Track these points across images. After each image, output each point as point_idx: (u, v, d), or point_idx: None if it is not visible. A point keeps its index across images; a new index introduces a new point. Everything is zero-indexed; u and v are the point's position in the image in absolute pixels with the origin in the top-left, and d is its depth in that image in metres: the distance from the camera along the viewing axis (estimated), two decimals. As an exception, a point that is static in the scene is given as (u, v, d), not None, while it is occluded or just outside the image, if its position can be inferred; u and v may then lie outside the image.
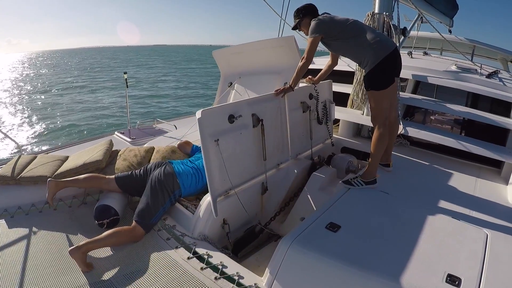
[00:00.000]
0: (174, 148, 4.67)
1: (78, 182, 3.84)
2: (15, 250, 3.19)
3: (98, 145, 4.66)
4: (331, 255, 2.52)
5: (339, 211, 3.16)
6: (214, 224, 3.29)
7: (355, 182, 3.65)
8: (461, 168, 4.48)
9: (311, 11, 3.98)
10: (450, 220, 3.10)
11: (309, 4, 4.04)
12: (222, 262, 2.85)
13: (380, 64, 3.49)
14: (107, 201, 3.61)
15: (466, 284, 2.27)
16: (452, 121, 5.61)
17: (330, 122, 4.98)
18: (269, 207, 3.96)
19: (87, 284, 2.78)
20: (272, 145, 3.87)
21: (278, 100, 3.96)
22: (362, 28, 3.70)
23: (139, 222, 3.31)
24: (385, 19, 5.06)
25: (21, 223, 3.60)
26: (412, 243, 2.70)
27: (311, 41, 3.79)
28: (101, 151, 4.39)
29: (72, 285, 2.77)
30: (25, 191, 3.98)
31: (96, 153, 4.33)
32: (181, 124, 6.68)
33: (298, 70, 3.84)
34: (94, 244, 3.10)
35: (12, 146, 14.34)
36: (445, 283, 2.28)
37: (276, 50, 4.98)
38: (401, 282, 2.27)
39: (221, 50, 5.92)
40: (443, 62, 6.55)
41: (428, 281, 2.29)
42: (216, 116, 3.20)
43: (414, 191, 3.76)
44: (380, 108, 3.61)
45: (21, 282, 2.78)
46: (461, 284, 2.27)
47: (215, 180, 3.19)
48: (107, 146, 4.57)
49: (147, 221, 3.34)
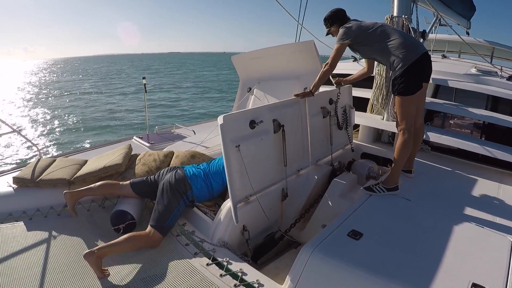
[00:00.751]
0: (194, 153, 4.63)
1: (93, 190, 3.87)
2: (32, 252, 3.20)
3: (117, 149, 4.67)
4: (353, 264, 2.49)
5: (360, 218, 3.13)
6: (234, 230, 3.27)
7: (377, 189, 3.60)
8: (484, 173, 4.40)
9: (339, 18, 3.98)
10: (473, 227, 3.04)
11: (336, 11, 4.02)
12: (241, 269, 2.82)
13: (409, 69, 3.45)
14: (123, 206, 3.61)
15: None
16: (472, 125, 5.52)
17: (350, 128, 4.93)
18: (289, 213, 3.92)
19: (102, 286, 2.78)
20: (292, 150, 3.84)
21: (299, 106, 3.93)
22: (391, 32, 3.66)
23: (154, 226, 3.31)
24: (404, 22, 5.01)
25: (40, 226, 3.63)
26: (435, 251, 2.65)
27: (337, 47, 3.79)
28: (120, 155, 4.40)
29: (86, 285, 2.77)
30: (44, 193, 4.01)
31: (115, 157, 4.34)
32: (199, 129, 6.66)
33: (321, 76, 3.82)
34: (109, 248, 3.08)
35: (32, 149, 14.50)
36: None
37: (295, 55, 4.95)
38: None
39: (240, 56, 5.91)
40: (462, 65, 6.45)
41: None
42: (237, 122, 3.17)
43: (436, 197, 3.69)
44: (406, 114, 3.56)
45: (38, 284, 2.78)
46: None
47: (236, 186, 3.16)
48: (126, 150, 4.57)
49: (162, 224, 3.33)
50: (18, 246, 3.28)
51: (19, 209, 3.86)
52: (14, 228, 3.58)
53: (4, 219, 3.71)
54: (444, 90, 5.46)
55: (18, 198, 3.97)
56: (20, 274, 2.88)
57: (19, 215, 3.78)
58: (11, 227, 3.60)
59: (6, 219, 3.73)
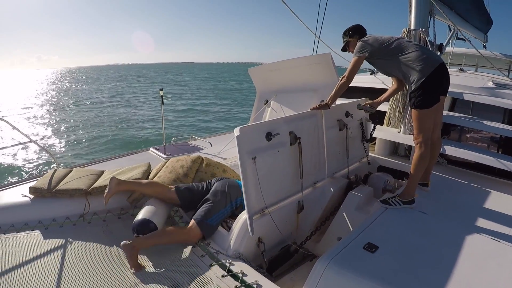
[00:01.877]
0: (225, 167, 4.66)
1: (140, 185, 3.97)
2: (47, 260, 3.22)
3: (136, 166, 4.68)
4: (369, 277, 2.47)
5: (376, 231, 3.11)
6: (249, 242, 3.26)
7: (393, 202, 3.58)
8: (500, 187, 4.34)
9: (358, 31, 4.02)
10: (490, 241, 3.01)
11: (357, 25, 4.07)
12: (256, 281, 2.80)
13: (426, 82, 3.43)
14: (147, 215, 3.59)
15: None
16: (489, 138, 5.47)
17: (366, 141, 4.91)
18: (304, 226, 3.90)
19: None
20: (309, 163, 3.83)
21: (316, 118, 3.94)
22: (407, 45, 3.66)
23: (196, 220, 3.40)
24: (421, 35, 5.00)
25: (55, 235, 3.65)
26: (451, 265, 2.62)
27: (354, 61, 3.82)
28: (140, 171, 4.40)
29: None
30: (60, 204, 4.04)
31: (134, 173, 4.33)
32: (216, 141, 6.70)
33: (337, 89, 3.84)
34: (147, 240, 3.26)
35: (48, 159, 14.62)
36: None
37: (312, 68, 4.97)
38: None
39: (257, 68, 5.94)
40: (479, 79, 6.41)
41: None
42: (254, 134, 3.19)
43: (452, 211, 3.65)
44: (423, 128, 3.54)
45: None
46: None
47: (252, 198, 3.17)
48: (146, 168, 4.57)
49: (205, 219, 3.41)
50: (33, 254, 3.30)
51: (35, 218, 3.88)
52: (29, 237, 3.60)
53: (20, 228, 3.74)
54: (461, 103, 5.42)
55: (34, 207, 3.99)
56: (35, 283, 2.89)
57: (35, 225, 3.80)
58: (27, 236, 3.62)
59: (22, 228, 3.75)
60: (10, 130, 4.97)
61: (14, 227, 3.74)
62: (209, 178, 4.33)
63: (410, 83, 3.59)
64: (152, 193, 3.96)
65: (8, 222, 3.79)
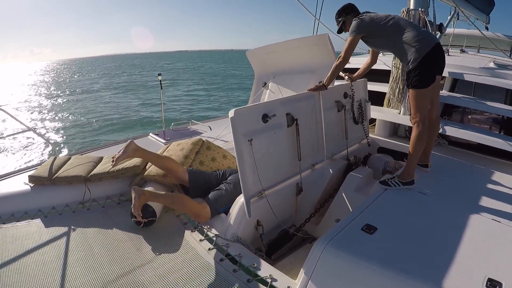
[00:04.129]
0: (225, 153, 4.66)
1: (155, 156, 4.04)
2: (47, 249, 3.22)
3: None
4: (367, 258, 2.45)
5: (375, 212, 3.08)
6: (247, 225, 3.25)
7: (392, 183, 3.55)
8: (501, 168, 4.30)
9: (353, 10, 3.97)
10: (490, 222, 2.97)
11: (350, 4, 4.01)
12: (255, 264, 2.81)
13: (422, 62, 3.40)
14: None
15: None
16: (491, 119, 5.43)
17: (366, 122, 4.89)
18: (303, 208, 3.89)
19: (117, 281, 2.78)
20: (307, 145, 3.81)
21: (313, 99, 3.90)
22: (404, 24, 3.61)
23: (209, 203, 3.46)
24: (420, 15, 4.94)
25: (55, 223, 3.66)
26: (451, 246, 2.59)
27: (350, 40, 3.77)
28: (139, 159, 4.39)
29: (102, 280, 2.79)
30: (59, 191, 4.04)
31: (134, 159, 4.32)
32: (215, 125, 6.68)
33: (334, 69, 3.80)
34: (158, 196, 3.43)
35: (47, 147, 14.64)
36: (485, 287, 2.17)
37: (310, 49, 4.94)
38: (439, 287, 2.17)
39: (255, 50, 5.91)
40: (481, 60, 6.35)
41: (467, 286, 2.20)
42: (249, 116, 3.16)
43: (452, 192, 3.61)
44: (419, 107, 3.50)
45: (53, 280, 2.80)
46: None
47: (249, 180, 3.15)
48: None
49: (217, 206, 3.49)
50: (33, 243, 3.30)
51: (35, 207, 3.88)
52: (29, 226, 3.61)
53: (20, 218, 3.74)
54: (462, 84, 5.38)
55: (33, 196, 3.99)
56: (36, 271, 2.90)
57: (35, 213, 3.80)
58: (27, 225, 3.63)
59: (22, 217, 3.75)
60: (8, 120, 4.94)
61: (14, 217, 3.75)
62: (209, 162, 4.33)
63: (406, 62, 3.55)
64: (165, 167, 3.98)
65: (8, 212, 3.80)
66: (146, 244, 3.26)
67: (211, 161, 4.36)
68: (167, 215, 3.74)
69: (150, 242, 3.29)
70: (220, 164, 4.44)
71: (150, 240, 3.32)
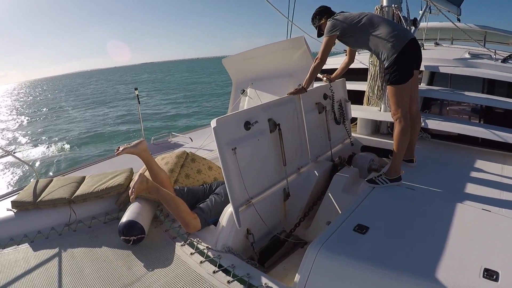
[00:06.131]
0: (211, 164, 4.59)
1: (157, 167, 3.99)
2: (35, 274, 3.14)
3: (119, 171, 4.54)
4: (362, 258, 2.44)
5: (365, 211, 3.08)
6: (237, 235, 3.21)
7: (380, 180, 3.55)
8: (485, 157, 4.36)
9: (326, 12, 4.00)
10: (480, 212, 2.99)
11: (323, 6, 4.04)
12: (248, 274, 2.77)
13: (398, 57, 3.42)
14: (133, 216, 3.52)
15: (505, 277, 2.17)
16: (470, 109, 5.49)
17: (347, 121, 4.90)
18: (292, 213, 3.87)
19: None
20: (291, 149, 3.79)
21: (294, 103, 3.89)
22: (378, 21, 3.64)
23: (199, 214, 3.41)
24: (394, 11, 4.98)
25: (42, 247, 3.56)
26: (444, 239, 2.60)
27: (326, 40, 3.80)
28: (122, 175, 4.31)
29: None
30: (44, 215, 3.94)
31: (117, 178, 4.23)
32: (196, 136, 6.62)
33: (312, 71, 3.81)
34: (160, 189, 3.45)
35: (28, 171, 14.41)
36: (482, 278, 2.18)
37: (287, 52, 4.93)
38: (436, 281, 2.18)
39: (231, 58, 5.88)
40: (456, 51, 6.44)
41: (465, 278, 2.20)
42: (231, 124, 3.13)
43: (440, 185, 3.62)
44: (400, 103, 3.51)
45: None
46: (499, 278, 2.17)
47: (236, 190, 3.12)
48: (128, 173, 4.44)
49: (207, 218, 3.44)
50: (22, 270, 3.21)
51: (20, 232, 3.78)
52: (16, 252, 3.51)
53: (5, 245, 3.64)
54: (440, 76, 5.43)
55: (18, 222, 3.89)
56: None
57: (21, 239, 3.71)
58: (13, 251, 3.53)
59: (7, 244, 3.65)
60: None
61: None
62: (195, 175, 4.27)
63: (383, 59, 3.57)
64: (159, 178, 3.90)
65: None
66: (137, 261, 3.20)
67: (197, 174, 4.30)
68: (155, 231, 3.69)
69: (140, 259, 3.23)
70: (206, 175, 4.39)
71: (141, 257, 3.26)
